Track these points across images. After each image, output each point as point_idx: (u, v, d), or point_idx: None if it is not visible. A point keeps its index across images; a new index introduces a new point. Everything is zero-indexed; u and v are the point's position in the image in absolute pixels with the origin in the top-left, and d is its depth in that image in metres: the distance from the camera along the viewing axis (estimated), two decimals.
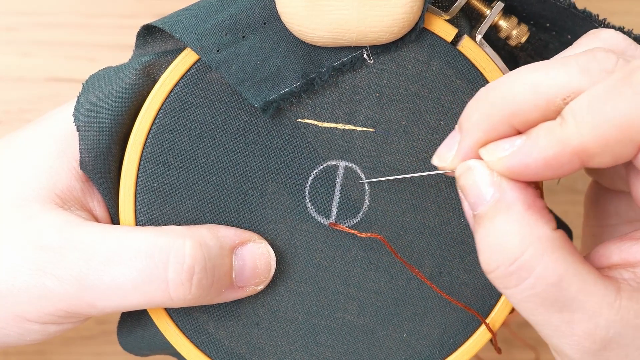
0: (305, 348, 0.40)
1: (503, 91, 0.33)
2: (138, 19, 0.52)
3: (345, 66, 0.39)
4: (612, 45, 0.36)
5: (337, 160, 0.39)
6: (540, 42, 0.43)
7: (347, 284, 0.40)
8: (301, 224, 0.39)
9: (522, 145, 0.33)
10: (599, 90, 0.32)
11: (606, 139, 0.32)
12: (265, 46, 0.38)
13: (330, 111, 0.39)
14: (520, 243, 0.33)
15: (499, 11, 0.40)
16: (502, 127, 0.34)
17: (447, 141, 0.35)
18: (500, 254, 0.33)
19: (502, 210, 0.33)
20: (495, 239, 0.33)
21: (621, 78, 0.32)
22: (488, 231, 0.33)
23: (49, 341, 0.53)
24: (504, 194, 0.33)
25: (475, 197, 0.34)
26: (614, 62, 0.33)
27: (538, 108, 0.33)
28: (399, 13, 0.37)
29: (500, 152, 0.33)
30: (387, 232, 0.39)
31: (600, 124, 0.31)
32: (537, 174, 0.33)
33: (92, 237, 0.37)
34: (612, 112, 0.31)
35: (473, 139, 0.34)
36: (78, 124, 0.38)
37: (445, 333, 0.40)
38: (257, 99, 0.38)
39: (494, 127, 0.34)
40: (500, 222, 0.33)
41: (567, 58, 0.33)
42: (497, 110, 0.33)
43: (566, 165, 0.33)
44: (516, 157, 0.33)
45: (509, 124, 0.33)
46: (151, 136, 0.39)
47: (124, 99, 0.38)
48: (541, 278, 0.33)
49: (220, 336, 0.40)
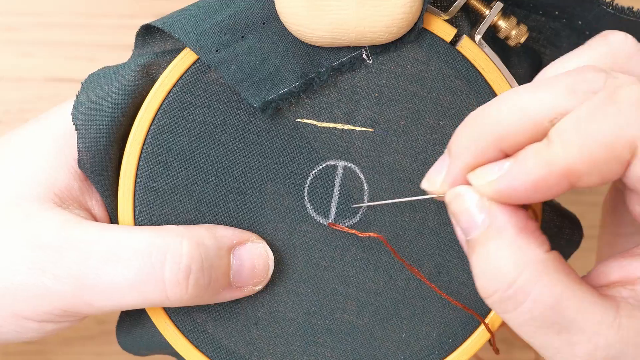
0: (304, 348, 0.40)
1: (491, 115, 0.33)
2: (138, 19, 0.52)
3: (344, 66, 0.39)
4: (619, 50, 0.36)
5: (336, 160, 0.39)
6: (552, 31, 0.43)
7: (346, 284, 0.40)
8: (300, 224, 0.39)
9: (510, 169, 0.33)
10: (584, 110, 0.32)
11: (593, 158, 0.32)
12: (264, 46, 0.38)
13: (329, 111, 0.39)
14: (515, 268, 0.33)
15: (498, 11, 0.40)
16: (491, 150, 0.34)
17: (436, 165, 0.35)
18: (496, 279, 0.33)
19: (494, 235, 0.33)
20: (490, 264, 0.33)
21: (606, 96, 0.32)
22: (482, 257, 0.33)
23: (49, 341, 0.53)
24: (495, 219, 0.33)
25: (467, 223, 0.34)
26: (602, 82, 0.33)
27: (526, 131, 0.33)
28: (398, 13, 0.37)
29: (489, 176, 0.34)
30: (386, 232, 0.39)
31: (586, 144, 0.32)
32: (526, 197, 0.33)
33: (90, 236, 0.37)
34: (597, 131, 0.31)
35: (462, 162, 0.34)
36: (76, 123, 0.38)
37: (444, 333, 0.40)
38: (256, 98, 0.38)
39: (482, 151, 0.34)
40: (493, 248, 0.33)
41: (555, 78, 0.33)
42: (486, 134, 0.33)
43: (554, 186, 0.33)
44: (504, 180, 0.33)
45: (497, 147, 0.33)
46: (150, 136, 0.39)
47: (123, 98, 0.38)
48: (538, 301, 0.33)
49: (219, 336, 0.40)
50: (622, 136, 0.31)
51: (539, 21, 0.43)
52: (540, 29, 0.42)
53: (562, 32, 0.42)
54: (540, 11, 0.42)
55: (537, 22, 0.43)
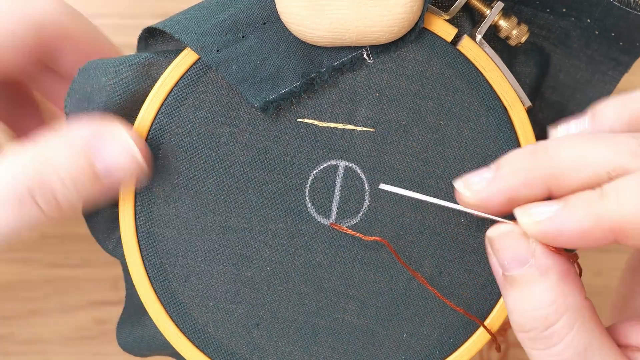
0: (305, 348, 0.40)
1: (551, 152, 0.34)
2: (138, 19, 0.52)
3: (345, 66, 0.39)
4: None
5: (337, 160, 0.39)
6: (562, 31, 0.43)
7: (347, 284, 0.40)
8: (301, 224, 0.39)
9: (559, 212, 0.33)
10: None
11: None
12: (265, 46, 0.38)
13: (330, 111, 0.39)
14: (555, 312, 0.34)
15: (498, 11, 0.40)
16: (539, 185, 0.34)
17: (478, 173, 0.36)
18: (535, 319, 0.34)
19: (539, 276, 0.34)
20: (531, 304, 0.34)
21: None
22: (523, 295, 0.34)
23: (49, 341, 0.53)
24: (540, 261, 0.34)
25: (510, 259, 0.35)
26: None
27: (581, 177, 0.33)
28: (399, 13, 0.37)
29: (537, 217, 0.34)
30: (387, 232, 0.39)
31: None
32: (570, 243, 0.33)
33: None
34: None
35: (506, 184, 0.35)
36: (68, 111, 0.38)
37: (445, 333, 0.40)
38: (257, 98, 0.38)
39: (531, 182, 0.34)
40: (537, 289, 0.34)
41: (616, 136, 0.34)
42: (541, 168, 0.34)
43: (600, 239, 0.33)
44: (552, 223, 0.33)
45: (546, 184, 0.34)
46: (151, 136, 0.39)
47: (118, 94, 0.38)
48: (570, 346, 0.34)
49: (220, 336, 0.40)
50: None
51: (547, 20, 0.43)
52: (549, 27, 0.42)
53: (572, 31, 0.43)
54: (547, 9, 0.42)
55: (545, 21, 0.43)
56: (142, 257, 0.39)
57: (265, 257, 0.39)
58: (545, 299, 0.34)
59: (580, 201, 0.33)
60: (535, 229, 0.34)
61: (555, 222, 0.33)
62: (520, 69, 0.43)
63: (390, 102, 0.39)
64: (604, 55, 0.43)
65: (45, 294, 0.54)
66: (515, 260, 0.35)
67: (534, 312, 0.34)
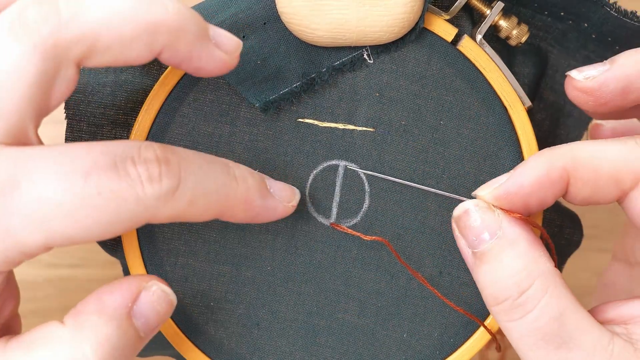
0: (305, 348, 0.40)
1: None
2: None
3: (345, 66, 0.39)
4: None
5: (337, 160, 0.39)
6: (559, 32, 0.43)
7: (347, 284, 0.40)
8: (301, 224, 0.39)
9: (513, 173, 0.35)
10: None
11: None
12: (266, 46, 0.38)
13: (330, 111, 0.39)
14: (528, 276, 0.34)
15: (499, 11, 0.40)
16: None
17: (592, 65, 0.37)
18: (508, 287, 0.34)
19: (507, 246, 0.35)
20: (503, 273, 0.35)
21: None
22: (493, 266, 0.35)
23: None
24: (506, 231, 0.35)
25: (476, 235, 0.35)
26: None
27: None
28: (399, 13, 0.37)
29: (495, 184, 0.36)
30: (387, 232, 0.39)
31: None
32: (531, 197, 0.35)
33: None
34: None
35: (623, 71, 0.36)
36: (67, 112, 0.38)
37: (445, 333, 0.40)
38: (257, 98, 0.38)
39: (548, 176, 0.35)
40: (507, 258, 0.35)
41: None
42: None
43: (556, 181, 0.35)
44: (510, 181, 0.35)
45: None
46: (151, 136, 0.39)
47: (118, 94, 0.39)
48: (545, 312, 0.34)
49: (220, 336, 0.40)
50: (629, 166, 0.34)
51: (545, 21, 0.43)
52: (547, 29, 0.43)
53: (569, 33, 0.43)
54: (545, 12, 0.42)
55: (543, 23, 0.43)
56: (142, 257, 0.39)
57: (266, 257, 0.39)
58: (517, 265, 0.34)
59: (534, 155, 0.35)
60: (489, 195, 0.35)
61: (512, 180, 0.35)
62: (518, 70, 0.43)
63: (391, 102, 0.39)
64: (601, 57, 0.43)
65: (45, 294, 0.54)
66: (483, 234, 0.35)
67: (506, 281, 0.34)
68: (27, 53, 0.30)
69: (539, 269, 0.34)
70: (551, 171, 0.35)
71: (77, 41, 0.30)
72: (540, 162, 0.35)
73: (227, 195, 0.34)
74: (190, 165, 0.32)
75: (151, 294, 0.34)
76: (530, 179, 0.35)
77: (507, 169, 0.39)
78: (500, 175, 0.38)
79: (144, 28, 0.31)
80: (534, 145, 0.39)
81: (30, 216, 0.30)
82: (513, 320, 0.34)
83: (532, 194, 0.35)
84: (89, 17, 0.30)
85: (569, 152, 0.35)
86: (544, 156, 0.35)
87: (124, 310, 0.33)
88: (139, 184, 0.31)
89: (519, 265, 0.34)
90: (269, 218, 0.36)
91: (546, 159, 0.35)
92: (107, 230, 0.31)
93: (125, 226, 0.31)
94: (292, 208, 0.37)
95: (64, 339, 0.32)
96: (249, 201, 0.35)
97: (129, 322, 0.34)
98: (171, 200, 0.32)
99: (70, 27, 0.30)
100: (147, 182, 0.31)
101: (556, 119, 0.44)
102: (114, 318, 0.33)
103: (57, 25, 0.30)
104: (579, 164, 0.35)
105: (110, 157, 0.31)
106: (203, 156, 0.34)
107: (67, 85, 0.31)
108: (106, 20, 0.31)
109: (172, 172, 0.32)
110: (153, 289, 0.35)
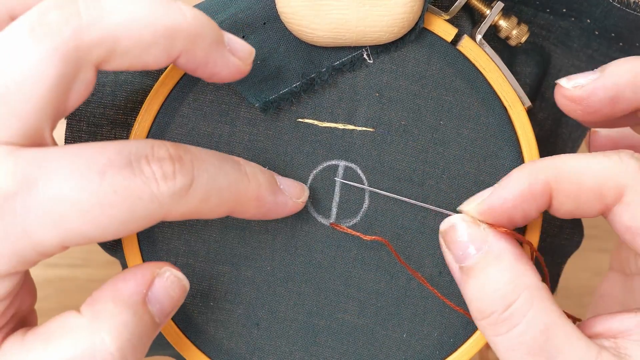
0: (305, 348, 0.40)
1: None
2: None
3: (345, 66, 0.39)
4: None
5: (337, 160, 0.39)
6: (562, 31, 0.43)
7: (347, 284, 0.40)
8: (301, 224, 0.39)
9: (496, 187, 0.36)
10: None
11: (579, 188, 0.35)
12: (265, 46, 0.38)
13: (330, 111, 0.39)
14: (513, 290, 0.34)
15: (498, 11, 0.40)
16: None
17: (582, 74, 0.37)
18: (494, 302, 0.35)
19: (493, 261, 0.35)
20: (488, 287, 0.35)
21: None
22: (479, 280, 0.35)
23: None
24: (492, 246, 0.35)
25: (462, 250, 0.36)
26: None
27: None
28: (399, 13, 0.37)
29: (478, 199, 0.36)
30: (387, 232, 0.39)
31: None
32: (516, 211, 0.35)
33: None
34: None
35: (612, 80, 0.36)
36: None
37: (445, 333, 0.40)
38: (257, 98, 0.38)
39: (636, 85, 0.36)
40: (492, 272, 0.35)
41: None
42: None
43: (539, 194, 0.35)
44: (493, 196, 0.35)
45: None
46: (150, 136, 0.39)
47: (118, 94, 0.39)
48: (531, 325, 0.34)
49: (220, 336, 0.40)
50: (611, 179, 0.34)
51: (547, 20, 0.43)
52: (549, 27, 0.42)
53: (572, 31, 0.43)
54: (547, 9, 0.42)
55: (545, 21, 0.43)
56: (142, 257, 0.39)
57: (265, 257, 0.39)
58: (502, 279, 0.34)
59: (516, 169, 0.35)
60: (474, 211, 0.36)
61: (495, 194, 0.35)
62: (520, 69, 0.43)
63: (390, 102, 0.39)
64: (604, 55, 0.43)
65: (45, 294, 0.54)
66: (469, 249, 0.35)
67: (492, 295, 0.34)
68: (48, 55, 0.30)
69: (524, 282, 0.34)
70: (533, 185, 0.35)
71: (97, 44, 0.31)
72: (522, 175, 0.35)
73: (239, 192, 0.34)
74: (203, 163, 0.33)
75: (165, 279, 0.35)
76: (513, 193, 0.35)
77: (507, 168, 0.39)
78: (500, 175, 0.38)
79: (163, 33, 0.31)
80: (533, 145, 0.39)
81: (47, 215, 0.30)
82: (499, 334, 0.35)
83: (515, 207, 0.35)
84: (109, 21, 0.31)
85: (552, 165, 0.35)
86: (527, 170, 0.35)
87: (139, 296, 0.34)
88: (153, 181, 0.31)
89: (505, 279, 0.34)
90: (280, 214, 0.37)
91: (528, 172, 0.35)
92: (122, 229, 0.31)
93: (140, 224, 0.31)
94: (302, 204, 0.37)
95: (82, 328, 0.33)
96: (261, 197, 0.35)
97: (145, 309, 0.34)
98: (185, 198, 0.32)
99: (91, 31, 0.30)
100: (162, 179, 0.31)
101: (558, 118, 0.44)
102: (130, 305, 0.33)
103: (78, 28, 0.30)
104: (561, 177, 0.35)
105: (124, 156, 0.31)
106: (215, 154, 0.34)
107: (85, 87, 0.32)
108: (126, 24, 0.31)
109: (186, 169, 0.32)
110: (166, 274, 0.35)
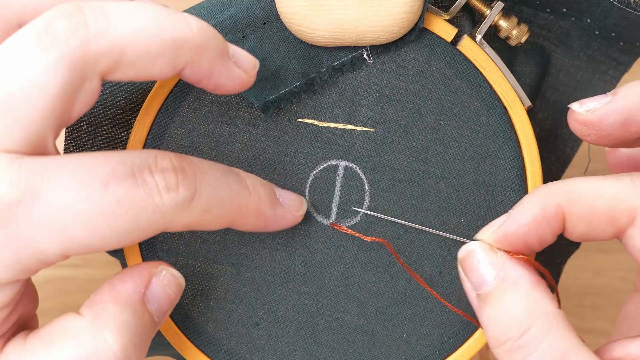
0: (305, 348, 0.40)
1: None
2: None
3: (345, 66, 0.39)
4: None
5: (337, 160, 0.39)
6: (562, 30, 0.43)
7: (347, 284, 0.40)
8: (301, 224, 0.39)
9: (511, 213, 0.36)
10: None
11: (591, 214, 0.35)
12: (265, 46, 0.38)
13: (330, 111, 0.39)
14: (529, 317, 0.34)
15: (499, 11, 0.40)
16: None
17: (594, 98, 0.37)
18: (509, 328, 0.34)
19: (509, 287, 0.35)
20: (505, 314, 0.34)
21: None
22: (496, 307, 0.35)
23: None
24: (508, 273, 0.35)
25: (480, 277, 0.36)
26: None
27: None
28: (399, 13, 0.37)
29: (493, 227, 0.36)
30: (387, 232, 0.39)
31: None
32: (531, 236, 0.35)
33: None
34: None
35: (624, 104, 0.36)
36: None
37: (445, 333, 0.40)
38: (257, 98, 0.38)
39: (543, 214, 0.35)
40: (508, 299, 0.35)
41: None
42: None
43: (552, 219, 0.35)
44: (508, 222, 0.35)
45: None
46: (150, 136, 0.39)
47: (118, 94, 0.39)
48: (547, 353, 0.34)
49: (220, 336, 0.40)
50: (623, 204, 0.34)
51: (547, 19, 0.43)
52: (549, 27, 0.42)
53: (572, 31, 0.43)
54: (547, 9, 0.42)
55: (546, 21, 0.43)
56: (142, 257, 0.39)
57: (265, 257, 0.39)
58: (518, 306, 0.34)
59: (529, 194, 0.36)
60: (490, 238, 0.36)
61: (510, 221, 0.35)
62: (520, 69, 0.43)
63: (390, 102, 0.39)
64: (605, 55, 0.43)
65: (45, 294, 0.54)
66: (484, 277, 0.35)
67: (508, 322, 0.34)
68: (54, 64, 0.30)
69: (540, 309, 0.34)
70: (546, 209, 0.35)
71: (103, 55, 0.31)
72: (535, 201, 0.35)
73: (240, 205, 0.34)
74: (206, 175, 0.33)
75: (161, 278, 0.35)
76: (526, 219, 0.35)
77: (507, 169, 0.39)
78: (499, 175, 0.38)
79: (169, 45, 0.32)
80: (533, 145, 0.39)
81: (50, 225, 0.30)
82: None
83: (530, 233, 0.35)
84: (116, 31, 0.31)
85: (564, 189, 0.35)
86: (539, 194, 0.35)
87: (137, 296, 0.34)
88: (156, 192, 0.31)
89: (521, 306, 0.34)
90: (278, 227, 0.37)
91: (541, 197, 0.35)
92: (124, 239, 0.31)
93: (142, 234, 0.31)
94: (300, 217, 0.38)
95: (84, 329, 0.33)
96: (261, 211, 0.35)
97: (144, 308, 0.34)
98: (187, 209, 0.32)
99: (98, 41, 0.31)
100: (165, 191, 0.31)
101: (558, 118, 0.44)
102: (130, 304, 0.34)
103: (85, 38, 0.30)
104: (573, 201, 0.35)
105: (128, 166, 0.31)
106: (217, 166, 0.34)
107: (89, 97, 0.32)
108: (133, 35, 0.31)
109: (189, 181, 0.32)
110: (163, 273, 0.35)
